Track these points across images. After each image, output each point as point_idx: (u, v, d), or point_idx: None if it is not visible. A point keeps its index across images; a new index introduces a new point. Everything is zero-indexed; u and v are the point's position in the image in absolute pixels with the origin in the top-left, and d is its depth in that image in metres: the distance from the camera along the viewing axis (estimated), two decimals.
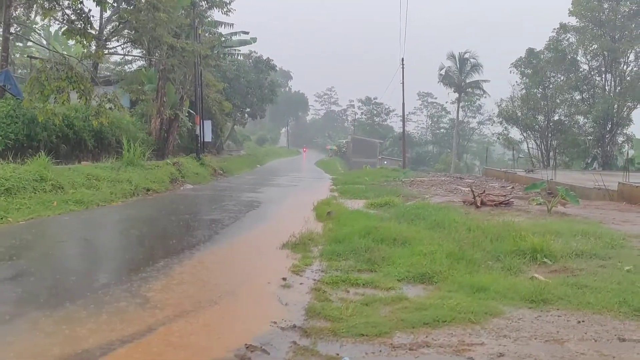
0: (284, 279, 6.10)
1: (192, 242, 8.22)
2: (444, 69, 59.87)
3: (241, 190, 17.66)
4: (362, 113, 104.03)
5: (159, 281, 5.86)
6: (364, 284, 5.82)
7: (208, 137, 25.17)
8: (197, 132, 22.82)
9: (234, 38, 31.77)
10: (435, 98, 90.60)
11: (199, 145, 22.79)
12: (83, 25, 14.57)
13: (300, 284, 5.95)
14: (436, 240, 7.55)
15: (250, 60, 40.15)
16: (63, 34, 14.75)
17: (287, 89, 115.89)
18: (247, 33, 31.15)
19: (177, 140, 27.00)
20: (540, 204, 13.65)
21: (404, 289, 5.72)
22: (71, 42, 33.71)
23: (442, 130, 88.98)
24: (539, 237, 7.62)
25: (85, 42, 14.57)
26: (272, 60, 40.29)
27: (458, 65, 59.11)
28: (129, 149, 16.07)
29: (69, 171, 12.85)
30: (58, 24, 19.76)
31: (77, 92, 14.67)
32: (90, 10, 14.64)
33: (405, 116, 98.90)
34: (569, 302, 5.03)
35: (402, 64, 39.54)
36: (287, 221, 10.70)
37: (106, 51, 20.57)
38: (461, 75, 59.61)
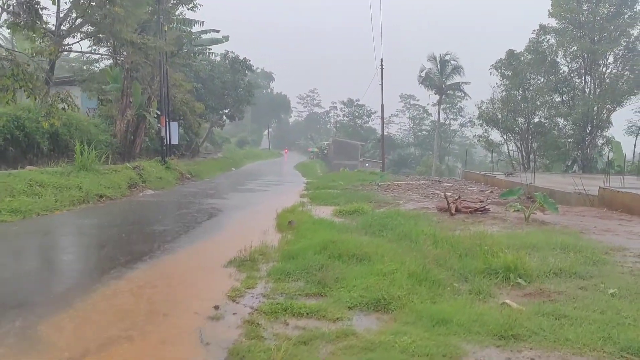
0: (216, 307, 5.21)
1: (126, 259, 7.26)
2: (425, 70, 59.38)
3: (205, 196, 16.69)
4: (344, 115, 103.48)
5: (63, 314, 4.93)
6: (308, 314, 4.95)
7: (175, 139, 24.07)
8: (163, 133, 21.70)
9: (205, 36, 30.65)
10: (418, 100, 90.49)
11: (164, 147, 21.68)
12: (31, 18, 13.52)
13: (234, 313, 5.06)
14: (399, 257, 6.71)
15: (227, 61, 39.10)
16: (8, 27, 13.66)
17: (269, 90, 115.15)
18: (217, 31, 30.10)
19: (146, 143, 25.95)
20: (517, 210, 12.94)
21: (354, 319, 4.86)
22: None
23: (423, 132, 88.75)
24: (513, 251, 6.86)
25: (34, 37, 13.53)
26: (249, 60, 39.34)
27: (439, 67, 58.66)
28: (82, 152, 14.95)
29: (9, 177, 11.77)
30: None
31: (24, 90, 13.64)
32: (39, 3, 13.58)
33: (388, 118, 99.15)
34: (544, 339, 4.22)
35: (381, 65, 38.92)
36: (244, 232, 9.81)
37: (64, 48, 19.39)
38: (442, 77, 59.17)
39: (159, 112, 24.43)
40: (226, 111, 42.43)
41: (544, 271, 6.21)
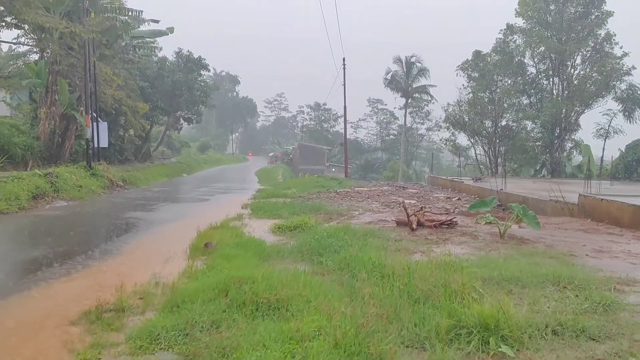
0: None
1: None
2: (390, 73, 57.85)
3: (129, 207, 14.31)
4: (310, 119, 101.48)
5: None
6: None
7: (104, 142, 21.41)
8: (88, 135, 19.07)
9: (144, 28, 28.04)
10: (386, 104, 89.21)
11: (91, 151, 19.05)
12: None
13: None
14: (330, 303, 4.60)
15: (181, 59, 36.51)
16: None
17: (234, 94, 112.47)
18: (157, 21, 27.53)
19: (81, 146, 23.24)
20: (490, 222, 11.05)
21: None
22: None
23: (391, 136, 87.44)
24: (490, 290, 4.87)
25: None
26: (205, 59, 36.79)
27: (405, 69, 57.20)
28: None
29: None
30: None
31: None
32: None
33: (355, 123, 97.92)
34: None
35: (344, 64, 36.94)
36: (144, 259, 7.64)
37: None
38: (408, 80, 57.73)
39: (93, 114, 21.82)
40: (182, 113, 39.83)
41: (537, 328, 4.18)
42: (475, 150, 39.90)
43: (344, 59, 37.17)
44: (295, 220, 10.67)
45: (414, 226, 9.99)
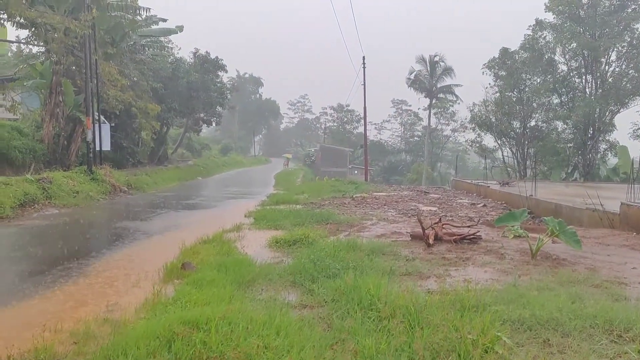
0: None
1: None
2: (414, 73, 56.24)
3: (123, 216, 13.38)
4: (333, 121, 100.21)
5: None
6: None
7: (106, 145, 20.57)
8: (89, 138, 18.21)
9: (154, 27, 27.21)
10: (410, 105, 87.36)
11: (90, 154, 18.16)
12: None
13: None
14: None
15: (198, 61, 35.73)
16: None
17: (258, 95, 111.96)
18: (165, 20, 26.65)
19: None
20: (519, 236, 9.71)
21: None
22: None
23: (415, 138, 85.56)
24: (519, 338, 3.62)
25: None
26: (222, 59, 35.94)
27: (428, 69, 55.53)
28: None
29: None
30: None
31: None
32: None
33: (379, 124, 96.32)
34: None
35: (363, 63, 35.65)
36: (104, 284, 6.55)
37: None
38: (432, 80, 56.04)
39: (100, 115, 21.06)
40: (200, 115, 39.05)
41: None
42: (502, 152, 38.18)
43: (363, 58, 35.94)
44: (297, 232, 9.50)
45: (431, 241, 8.72)
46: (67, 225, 11.58)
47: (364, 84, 35.65)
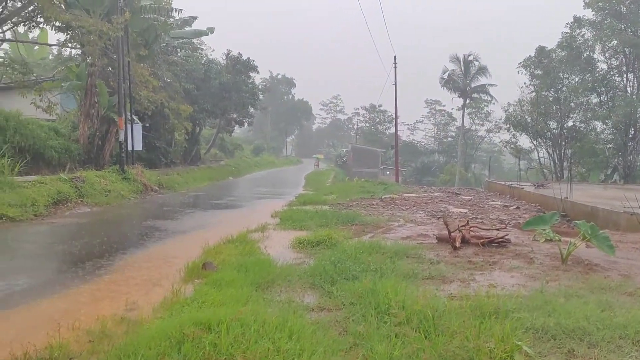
0: None
1: None
2: (447, 72, 55.40)
3: (152, 214, 13.55)
4: (365, 121, 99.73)
5: None
6: None
7: (138, 145, 20.93)
8: (122, 138, 18.62)
9: (187, 29, 27.58)
10: (444, 106, 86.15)
11: (122, 154, 18.56)
12: None
13: None
14: None
15: (230, 62, 36.09)
16: None
17: (290, 96, 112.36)
18: (195, 18, 26.91)
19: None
20: (550, 239, 9.37)
21: None
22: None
23: (449, 138, 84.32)
24: (543, 350, 3.45)
25: None
26: (253, 60, 36.22)
27: (462, 68, 54.60)
28: None
29: None
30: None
31: None
32: None
33: (412, 124, 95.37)
34: None
35: (395, 63, 35.31)
36: (126, 282, 6.62)
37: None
38: (466, 79, 55.08)
39: (135, 116, 21.50)
40: (234, 116, 39.44)
41: None
42: (538, 153, 37.22)
43: (394, 58, 35.60)
44: (321, 233, 9.42)
45: (457, 244, 8.50)
46: (97, 224, 11.83)
47: (395, 84, 35.34)
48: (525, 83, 35.71)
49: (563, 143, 33.67)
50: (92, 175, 15.94)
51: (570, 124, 33.97)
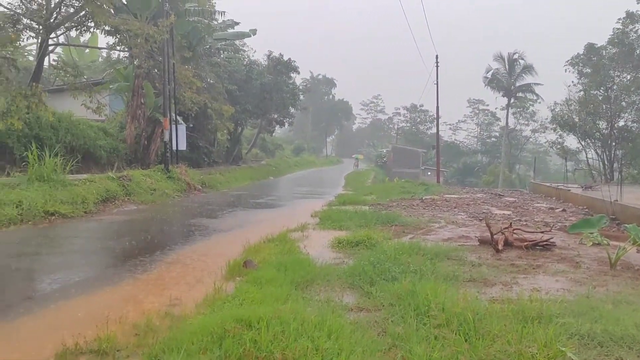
0: None
1: None
2: (491, 71, 54.19)
3: (196, 213, 13.83)
4: (406, 121, 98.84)
5: None
6: None
7: (182, 145, 21.45)
8: (166, 138, 19.12)
9: (229, 30, 28.02)
10: (487, 105, 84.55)
11: (167, 154, 19.06)
12: None
13: None
14: None
15: (272, 63, 36.47)
16: None
17: (331, 96, 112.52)
18: (237, 23, 27.34)
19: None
20: (597, 243, 9.05)
21: None
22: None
23: (492, 139, 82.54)
24: (588, 357, 3.34)
25: None
26: (294, 61, 36.48)
27: (507, 67, 53.31)
28: (39, 160, 12.42)
29: None
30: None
31: None
32: None
33: (455, 124, 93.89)
34: None
35: (437, 62, 34.85)
36: (170, 279, 6.82)
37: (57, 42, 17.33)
38: (510, 78, 53.75)
39: (180, 117, 22.04)
40: (275, 116, 39.85)
41: None
42: (586, 154, 35.92)
43: (436, 57, 35.13)
44: (360, 234, 9.42)
45: (500, 247, 8.34)
46: (142, 221, 12.20)
47: (437, 83, 34.87)
48: (572, 81, 34.56)
49: (613, 144, 32.36)
50: (138, 174, 16.47)
51: (621, 123, 32.61)
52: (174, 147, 20.49)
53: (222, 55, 29.55)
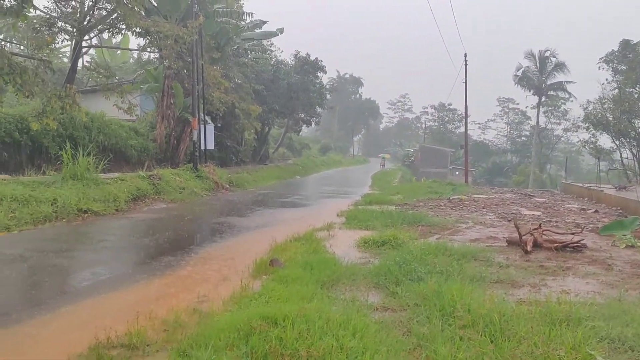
0: None
1: None
2: (521, 69, 53.26)
3: (224, 211, 14.05)
4: (434, 120, 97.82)
5: None
6: None
7: (210, 144, 21.73)
8: (195, 137, 19.44)
9: (257, 30, 28.25)
10: (517, 104, 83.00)
11: (196, 153, 19.37)
12: (18, 2, 11.61)
13: None
14: None
15: (299, 62, 36.61)
16: None
17: (358, 95, 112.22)
18: (265, 22, 27.55)
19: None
20: (631, 245, 8.84)
21: None
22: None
23: (522, 138, 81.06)
24: None
25: (18, 24, 11.71)
26: (321, 61, 36.54)
27: (537, 65, 52.28)
28: (73, 159, 12.78)
29: None
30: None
31: (12, 85, 11.81)
32: None
33: (484, 123, 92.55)
34: None
35: (465, 61, 34.46)
36: (198, 276, 6.97)
37: (86, 44, 17.75)
38: (541, 76, 52.69)
39: (208, 116, 22.34)
40: (301, 115, 40.01)
41: None
42: (620, 154, 34.97)
43: (465, 55, 34.74)
44: (386, 233, 9.40)
45: (529, 248, 8.22)
46: (172, 219, 12.44)
47: (465, 82, 34.51)
48: (607, 79, 33.70)
49: None
50: (168, 173, 16.79)
51: None
52: (203, 147, 20.82)
53: (249, 56, 29.85)
